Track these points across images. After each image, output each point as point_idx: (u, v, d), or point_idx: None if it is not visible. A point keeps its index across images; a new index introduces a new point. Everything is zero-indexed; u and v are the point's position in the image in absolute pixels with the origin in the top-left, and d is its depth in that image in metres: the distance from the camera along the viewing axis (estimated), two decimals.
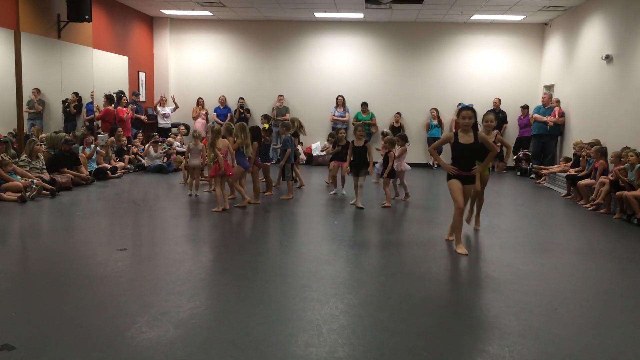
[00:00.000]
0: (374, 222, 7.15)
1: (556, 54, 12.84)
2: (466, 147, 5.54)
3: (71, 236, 6.13)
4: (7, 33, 9.12)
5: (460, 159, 5.60)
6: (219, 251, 5.61)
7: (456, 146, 5.58)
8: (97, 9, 11.38)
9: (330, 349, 3.23)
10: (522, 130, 13.30)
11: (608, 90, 10.00)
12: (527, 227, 7.21)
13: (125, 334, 3.38)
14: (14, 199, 7.71)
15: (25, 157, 8.80)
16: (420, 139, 14.28)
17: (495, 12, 12.41)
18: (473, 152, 5.59)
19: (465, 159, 5.57)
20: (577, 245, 6.28)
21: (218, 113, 14.11)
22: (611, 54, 9.91)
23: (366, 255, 5.57)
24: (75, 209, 7.62)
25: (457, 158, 5.62)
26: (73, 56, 10.99)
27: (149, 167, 11.53)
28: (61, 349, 3.17)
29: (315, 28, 14.33)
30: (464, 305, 4.05)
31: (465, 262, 5.26)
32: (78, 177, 9.30)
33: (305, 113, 14.16)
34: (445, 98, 14.14)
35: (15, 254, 5.53)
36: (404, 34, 14.20)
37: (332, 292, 4.24)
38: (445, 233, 6.21)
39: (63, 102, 10.84)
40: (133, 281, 4.48)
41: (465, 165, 5.57)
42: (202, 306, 3.91)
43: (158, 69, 14.68)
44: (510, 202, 9.34)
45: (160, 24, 14.51)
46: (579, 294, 4.45)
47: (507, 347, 3.34)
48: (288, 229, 6.78)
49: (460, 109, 5.66)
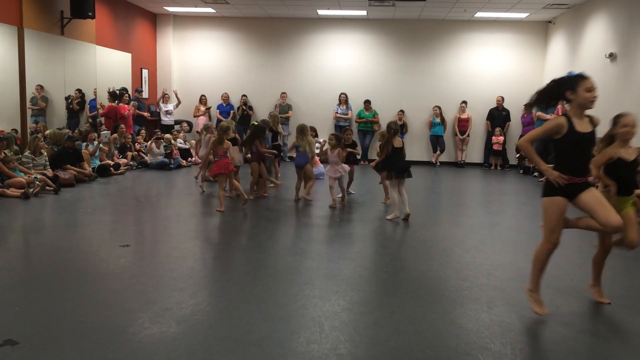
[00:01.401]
0: (376, 220, 7.14)
1: (560, 52, 12.81)
2: (585, 138, 3.66)
3: (74, 232, 6.15)
4: (11, 29, 9.13)
5: (575, 157, 3.67)
6: (221, 248, 5.62)
7: (571, 137, 3.62)
8: (100, 6, 11.40)
9: (332, 346, 3.24)
10: (525, 128, 13.26)
11: (612, 88, 9.97)
12: (530, 225, 7.19)
13: (128, 330, 3.39)
14: (17, 195, 7.73)
15: (28, 153, 8.82)
16: (422, 137, 14.27)
17: (499, 9, 12.37)
18: (591, 147, 3.79)
19: (583, 158, 3.72)
20: (579, 243, 6.26)
21: (221, 110, 14.11)
22: (615, 52, 9.88)
23: (368, 253, 5.57)
24: (78, 206, 7.63)
25: (570, 157, 3.68)
26: (76, 53, 11.00)
27: (151, 163, 11.55)
28: (64, 345, 3.18)
29: (318, 25, 14.31)
30: (467, 303, 4.05)
31: (468, 261, 5.26)
32: (81, 174, 9.32)
33: (307, 110, 14.16)
34: (448, 96, 14.11)
35: (18, 250, 5.54)
36: (407, 32, 14.17)
37: (334, 289, 4.25)
38: (445, 230, 6.19)
39: (66, 99, 10.86)
40: (135, 277, 4.49)
41: (582, 168, 3.70)
42: (204, 303, 3.92)
43: (161, 66, 14.68)
44: (513, 200, 9.33)
45: (163, 21, 14.51)
46: (581, 293, 4.44)
47: (510, 344, 3.34)
48: (290, 227, 6.78)
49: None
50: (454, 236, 6.28)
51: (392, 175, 6.99)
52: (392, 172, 6.98)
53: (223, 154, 7.38)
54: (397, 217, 6.92)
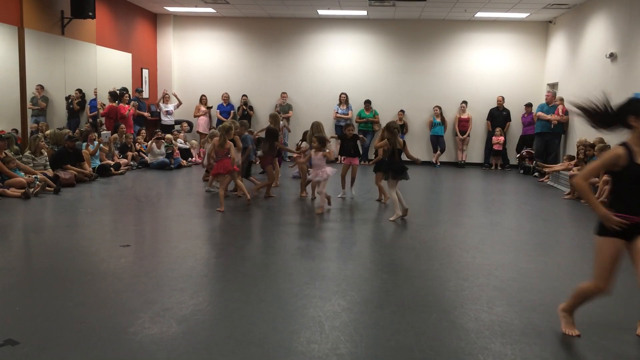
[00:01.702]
0: (376, 220, 7.14)
1: (560, 51, 12.81)
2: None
3: (74, 232, 6.15)
4: (11, 29, 9.13)
5: (636, 193, 3.21)
6: (222, 248, 5.62)
7: (630, 171, 3.17)
8: (100, 6, 11.40)
9: (332, 346, 3.24)
10: (525, 128, 13.28)
11: (612, 88, 9.96)
12: (530, 225, 7.20)
13: (128, 329, 3.39)
14: (17, 195, 7.73)
15: (29, 153, 8.82)
16: (423, 137, 14.26)
17: (499, 9, 12.37)
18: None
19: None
20: (580, 243, 6.26)
21: (221, 110, 14.10)
22: (615, 52, 9.87)
23: (368, 253, 5.57)
24: (79, 206, 7.63)
25: (629, 192, 3.23)
26: (76, 53, 11.00)
27: (151, 163, 11.55)
28: (64, 344, 3.18)
29: (318, 25, 14.31)
30: (467, 303, 4.05)
31: (468, 261, 5.26)
32: (81, 174, 9.32)
33: (308, 110, 14.16)
34: (448, 96, 14.11)
35: (18, 250, 5.55)
36: (407, 32, 14.16)
37: (335, 289, 4.25)
38: (446, 230, 6.19)
39: (66, 99, 10.86)
40: (136, 277, 4.49)
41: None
42: (205, 302, 3.92)
43: (161, 66, 14.68)
44: (514, 200, 9.33)
45: (163, 21, 14.51)
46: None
47: (510, 345, 3.34)
48: (290, 227, 6.78)
49: None
50: (454, 236, 6.28)
51: (388, 176, 6.97)
52: (389, 173, 6.94)
53: (224, 154, 7.38)
54: (399, 216, 6.92)
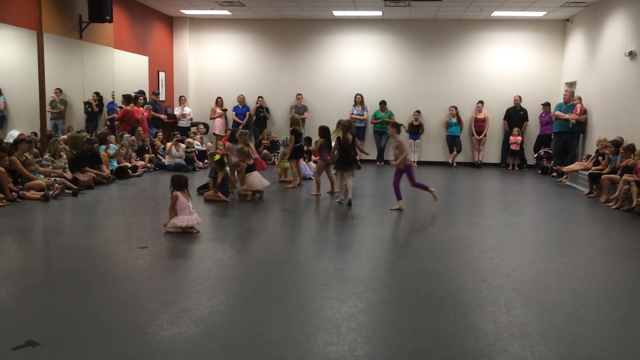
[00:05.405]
0: (392, 221, 7.12)
1: (578, 50, 12.65)
2: None
3: (93, 234, 6.21)
4: (30, 34, 9.27)
5: None
6: (239, 249, 5.63)
7: None
8: (117, 10, 11.52)
9: (349, 348, 3.23)
10: (543, 128, 13.14)
11: (632, 86, 9.82)
12: (549, 226, 7.12)
13: (147, 331, 3.42)
14: (37, 197, 7.83)
15: (48, 156, 8.94)
16: (439, 137, 14.19)
17: (516, 8, 12.26)
18: None
19: None
20: (599, 244, 6.18)
21: (237, 112, 14.18)
22: (635, 50, 9.72)
23: (384, 254, 5.55)
24: (97, 207, 7.72)
25: None
26: (94, 56, 11.14)
27: (169, 165, 11.64)
28: (84, 345, 3.21)
29: (333, 26, 14.31)
30: (485, 305, 4.01)
31: (486, 262, 5.21)
32: (100, 176, 9.43)
33: (323, 112, 14.17)
34: (464, 96, 14.02)
35: (38, 251, 5.62)
36: (423, 32, 14.10)
37: (351, 291, 4.24)
38: (463, 231, 6.13)
39: (84, 104, 10.99)
40: (154, 279, 4.52)
41: None
42: (222, 304, 3.93)
43: (178, 69, 14.80)
44: (532, 200, 9.23)
45: (179, 24, 14.62)
46: (601, 294, 4.38)
47: (529, 347, 3.30)
48: (306, 228, 6.79)
49: None
50: (472, 237, 6.23)
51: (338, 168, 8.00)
52: (339, 165, 7.95)
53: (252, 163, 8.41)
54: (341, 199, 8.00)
